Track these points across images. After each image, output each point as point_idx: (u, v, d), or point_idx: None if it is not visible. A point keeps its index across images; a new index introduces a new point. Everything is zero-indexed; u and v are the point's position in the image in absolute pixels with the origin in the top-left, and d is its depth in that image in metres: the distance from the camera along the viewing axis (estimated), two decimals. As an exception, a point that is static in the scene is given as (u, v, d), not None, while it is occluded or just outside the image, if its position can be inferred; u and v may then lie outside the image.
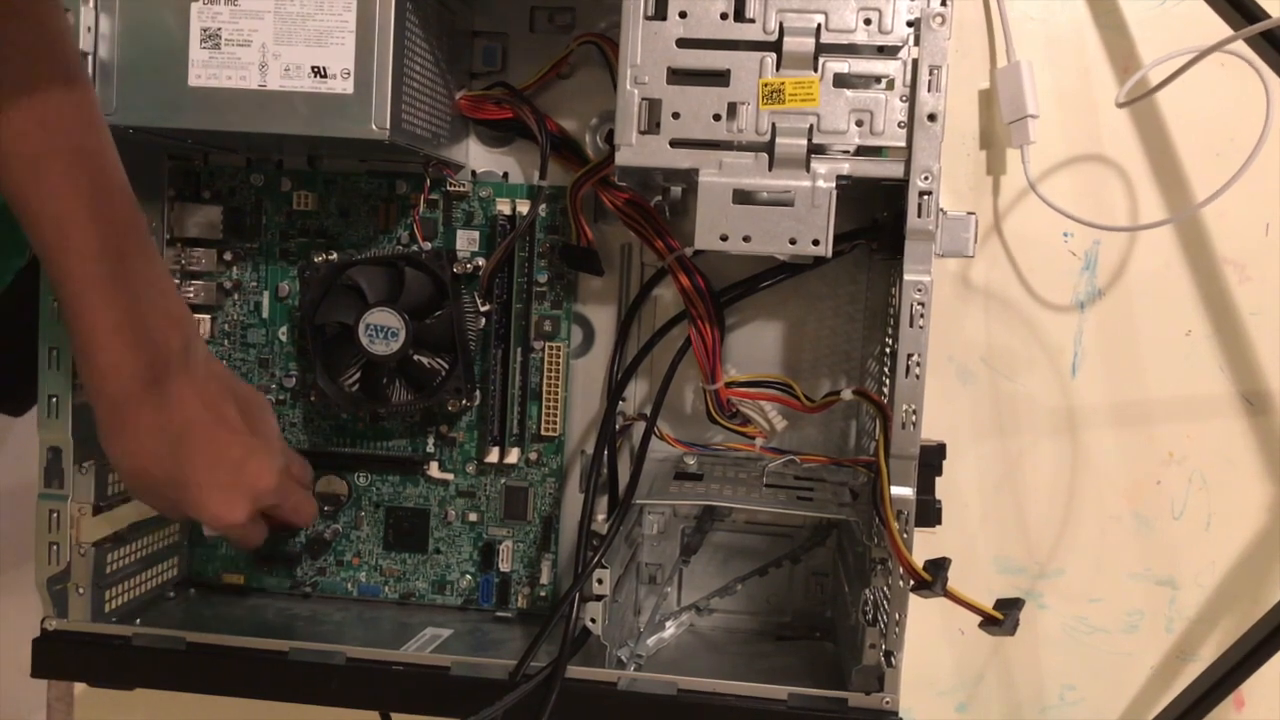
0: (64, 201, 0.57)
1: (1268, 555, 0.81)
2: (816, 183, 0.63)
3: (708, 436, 0.80)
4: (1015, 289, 0.81)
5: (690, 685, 0.66)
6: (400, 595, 0.83)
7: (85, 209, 0.58)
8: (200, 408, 0.64)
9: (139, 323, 0.61)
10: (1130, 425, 0.81)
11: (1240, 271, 0.80)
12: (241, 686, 0.70)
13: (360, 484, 0.83)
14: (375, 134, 0.66)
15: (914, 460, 0.63)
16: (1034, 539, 0.83)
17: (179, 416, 0.63)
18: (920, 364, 0.62)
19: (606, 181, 0.74)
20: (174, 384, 0.63)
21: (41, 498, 0.70)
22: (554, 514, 0.82)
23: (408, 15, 0.68)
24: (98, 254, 0.59)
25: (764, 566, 0.82)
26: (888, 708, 0.64)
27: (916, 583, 0.61)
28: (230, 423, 0.66)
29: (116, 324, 0.60)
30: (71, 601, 0.71)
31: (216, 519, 0.65)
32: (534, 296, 0.80)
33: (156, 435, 0.63)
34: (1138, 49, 0.79)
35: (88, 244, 0.58)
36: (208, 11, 0.67)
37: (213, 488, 0.65)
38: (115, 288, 0.60)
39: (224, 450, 0.65)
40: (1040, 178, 0.80)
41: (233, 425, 0.66)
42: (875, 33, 0.62)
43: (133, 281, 0.61)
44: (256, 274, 0.82)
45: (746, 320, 0.81)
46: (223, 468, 0.65)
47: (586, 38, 0.76)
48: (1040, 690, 0.84)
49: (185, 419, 0.63)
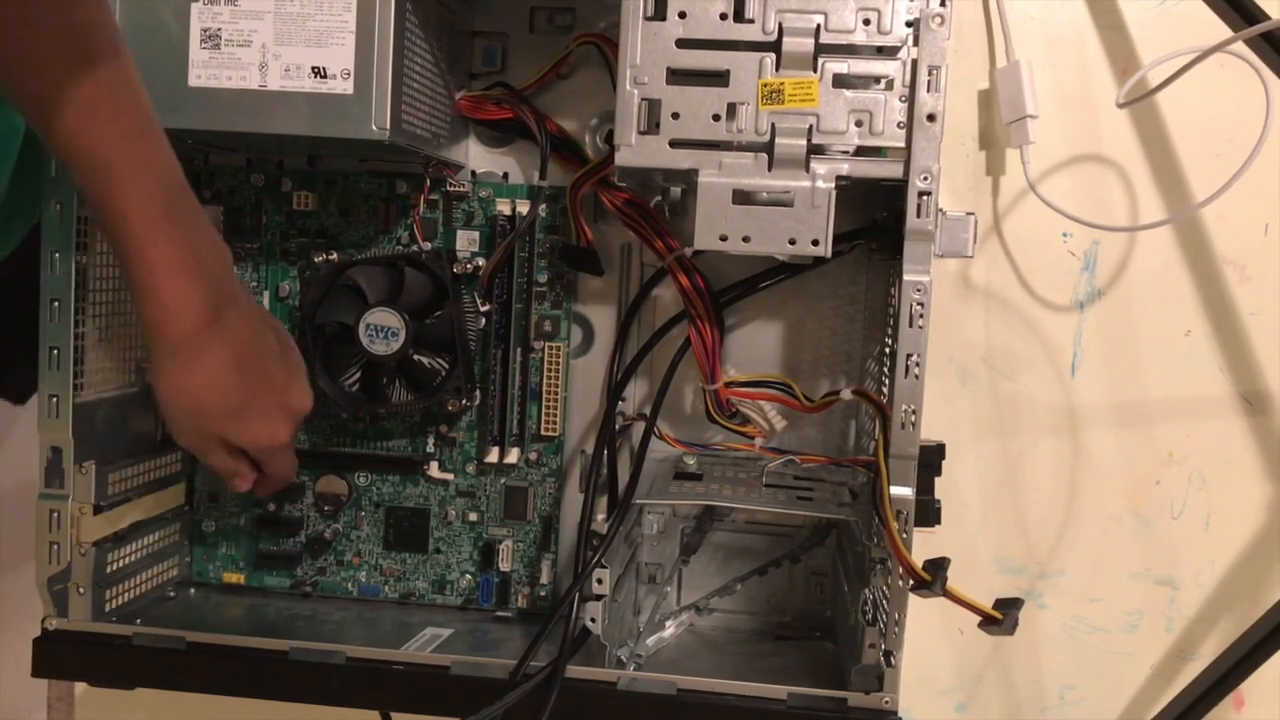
0: (117, 145, 0.58)
1: (1268, 555, 0.81)
2: (816, 183, 0.63)
3: (707, 436, 0.80)
4: (1015, 289, 0.81)
5: (690, 685, 0.66)
6: (400, 595, 0.83)
7: (138, 151, 0.59)
8: (251, 335, 0.66)
9: (197, 257, 0.62)
10: (1130, 425, 0.82)
11: (1240, 271, 0.80)
12: (241, 686, 0.70)
13: (360, 484, 0.83)
14: (375, 134, 0.66)
15: (913, 460, 0.63)
16: (1034, 539, 0.83)
17: (235, 347, 0.65)
18: (920, 364, 0.62)
19: (606, 182, 0.75)
20: (230, 314, 0.64)
21: (42, 498, 0.70)
22: (554, 514, 0.82)
23: (408, 15, 0.68)
24: (152, 193, 0.60)
25: (764, 566, 0.82)
26: (887, 707, 0.64)
27: (916, 582, 0.61)
28: (272, 348, 0.68)
29: (180, 261, 0.61)
30: (72, 601, 0.71)
31: (268, 440, 0.68)
32: (534, 296, 0.80)
33: (219, 368, 0.64)
34: (1138, 49, 0.79)
35: (143, 184, 0.59)
36: (208, 12, 0.67)
37: (262, 412, 0.67)
38: (173, 225, 0.61)
39: (272, 376, 0.68)
40: (1040, 178, 0.80)
41: (274, 351, 0.68)
42: (874, 33, 0.62)
43: (186, 217, 0.62)
44: (257, 274, 0.82)
45: (746, 320, 0.81)
46: (271, 392, 0.68)
47: (586, 38, 0.77)
48: (1040, 690, 0.84)
49: (241, 349, 0.65)
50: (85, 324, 0.70)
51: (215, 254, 0.64)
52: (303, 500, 0.83)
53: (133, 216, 0.59)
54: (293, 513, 0.83)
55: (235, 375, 0.65)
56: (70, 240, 0.68)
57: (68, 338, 0.69)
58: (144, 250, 0.60)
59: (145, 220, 0.60)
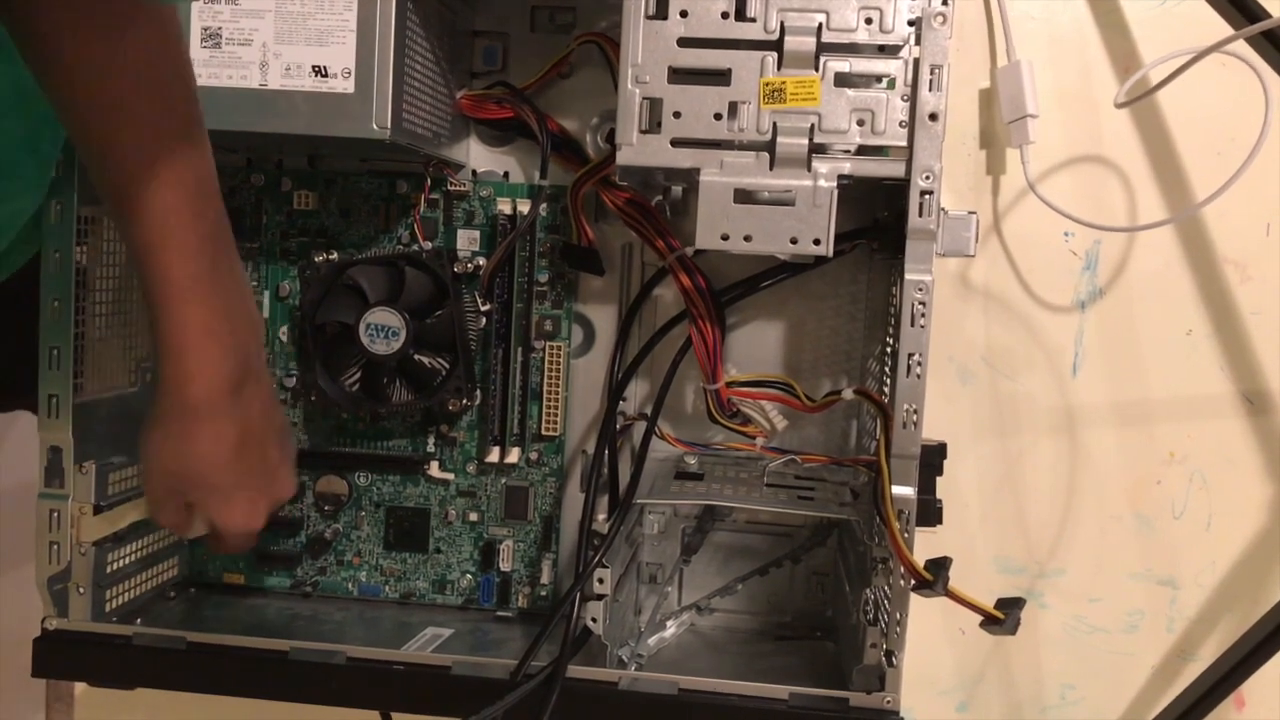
0: (172, 196, 0.56)
1: (1268, 555, 0.81)
2: (818, 182, 0.62)
3: (708, 436, 0.80)
4: (1015, 289, 0.81)
5: (691, 685, 0.66)
6: (401, 595, 0.83)
7: (190, 206, 0.57)
8: (261, 415, 0.63)
9: (229, 326, 0.60)
10: (1130, 425, 0.81)
11: (1240, 271, 0.80)
12: (241, 686, 0.70)
13: (360, 484, 0.83)
14: (376, 134, 0.66)
15: (915, 460, 0.63)
16: (1034, 539, 0.83)
17: (243, 425, 0.62)
18: (921, 364, 0.62)
19: (607, 181, 0.74)
20: (248, 390, 0.62)
21: (41, 497, 0.70)
22: (554, 514, 0.82)
23: (408, 15, 0.68)
24: (196, 251, 0.57)
25: (764, 566, 0.82)
26: (888, 707, 0.64)
27: (917, 582, 0.61)
28: (276, 433, 0.65)
29: (210, 326, 0.59)
30: (72, 601, 0.71)
31: (242, 524, 0.64)
32: (534, 296, 0.80)
33: (222, 443, 0.61)
34: (1138, 49, 0.79)
35: (191, 241, 0.57)
36: (208, 11, 0.67)
37: (247, 497, 0.64)
38: (212, 288, 0.58)
39: (268, 462, 0.65)
40: (1040, 177, 0.80)
41: (276, 436, 0.65)
42: (876, 32, 0.62)
43: (225, 282, 0.59)
44: (257, 274, 0.82)
45: (747, 320, 0.81)
46: (262, 478, 0.65)
47: (587, 37, 0.76)
48: (1040, 690, 0.84)
49: (247, 428, 0.62)
50: (85, 324, 0.70)
51: (249, 324, 0.62)
52: (303, 500, 0.83)
53: (174, 271, 0.57)
54: (293, 513, 0.83)
55: (234, 454, 0.62)
56: (70, 240, 0.68)
57: (68, 338, 0.69)
58: (180, 308, 0.58)
59: (187, 277, 0.57)
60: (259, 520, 0.65)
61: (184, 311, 0.58)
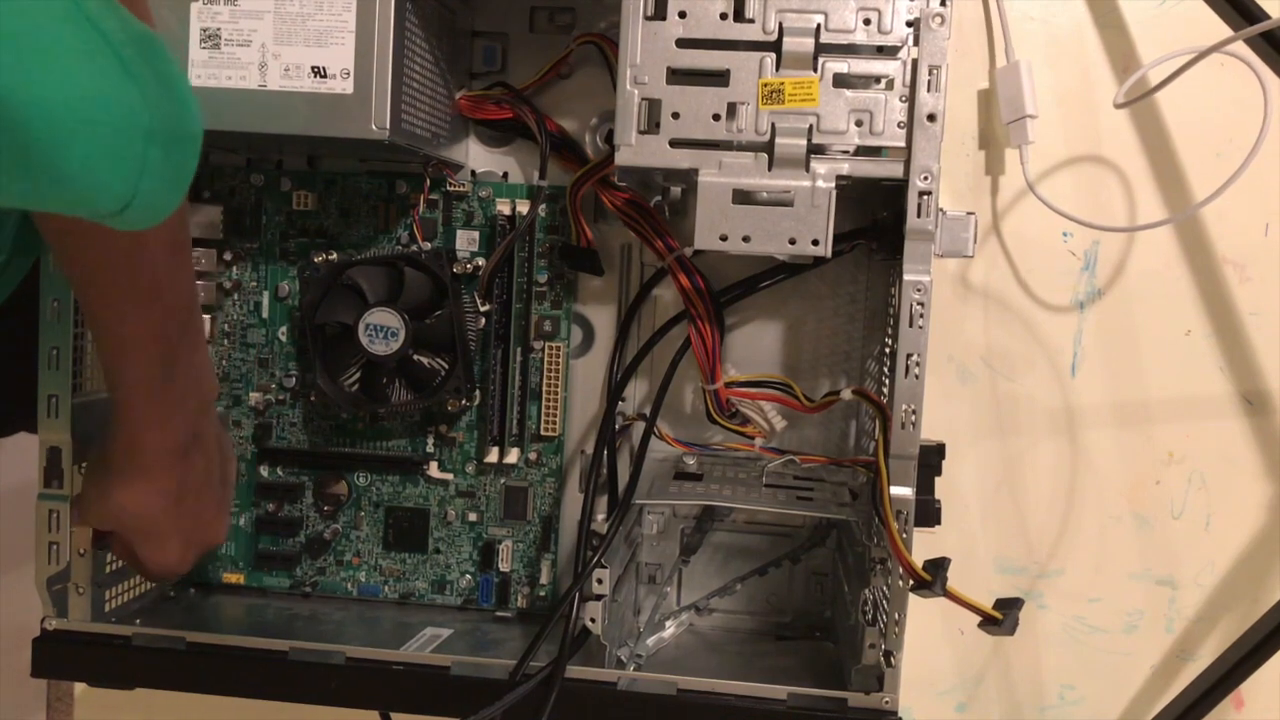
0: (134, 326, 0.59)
1: (1268, 555, 0.81)
2: (816, 183, 0.63)
3: (707, 436, 0.80)
4: (1014, 289, 0.81)
5: (690, 685, 0.66)
6: (400, 595, 0.83)
7: (152, 333, 0.60)
8: (202, 473, 0.67)
9: (182, 408, 0.64)
10: (1130, 425, 0.82)
11: (1240, 271, 0.80)
12: (241, 686, 0.70)
13: (360, 484, 0.83)
14: (375, 134, 0.66)
15: (914, 460, 0.63)
16: (1034, 539, 0.83)
17: (184, 482, 0.66)
18: (920, 364, 0.62)
19: (606, 181, 0.75)
20: (194, 453, 0.66)
21: (41, 498, 0.70)
22: (554, 514, 0.82)
23: (407, 15, 0.68)
24: (155, 358, 0.61)
25: (764, 566, 0.82)
26: (887, 707, 0.64)
27: (916, 582, 0.61)
28: (215, 486, 0.69)
29: (164, 416, 0.63)
30: (71, 601, 0.71)
31: (171, 568, 0.68)
32: (534, 296, 0.80)
33: (160, 497, 0.65)
34: (1137, 49, 0.79)
35: (150, 350, 0.60)
36: (207, 11, 0.67)
37: (179, 544, 0.68)
38: (165, 386, 0.62)
39: (203, 514, 0.69)
40: (1039, 178, 0.80)
41: (216, 488, 0.70)
42: (875, 33, 0.62)
43: (180, 375, 0.63)
44: (256, 274, 0.82)
45: (746, 320, 0.81)
46: (195, 528, 0.68)
47: (586, 38, 0.76)
48: (1040, 690, 0.84)
49: (187, 485, 0.66)
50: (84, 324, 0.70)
51: (199, 395, 0.66)
52: (302, 500, 0.83)
53: (128, 375, 0.61)
54: (292, 513, 0.83)
55: (173, 508, 0.66)
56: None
57: (68, 338, 0.69)
58: (130, 403, 0.62)
59: (140, 384, 0.61)
60: (187, 565, 0.69)
61: (135, 407, 0.62)
